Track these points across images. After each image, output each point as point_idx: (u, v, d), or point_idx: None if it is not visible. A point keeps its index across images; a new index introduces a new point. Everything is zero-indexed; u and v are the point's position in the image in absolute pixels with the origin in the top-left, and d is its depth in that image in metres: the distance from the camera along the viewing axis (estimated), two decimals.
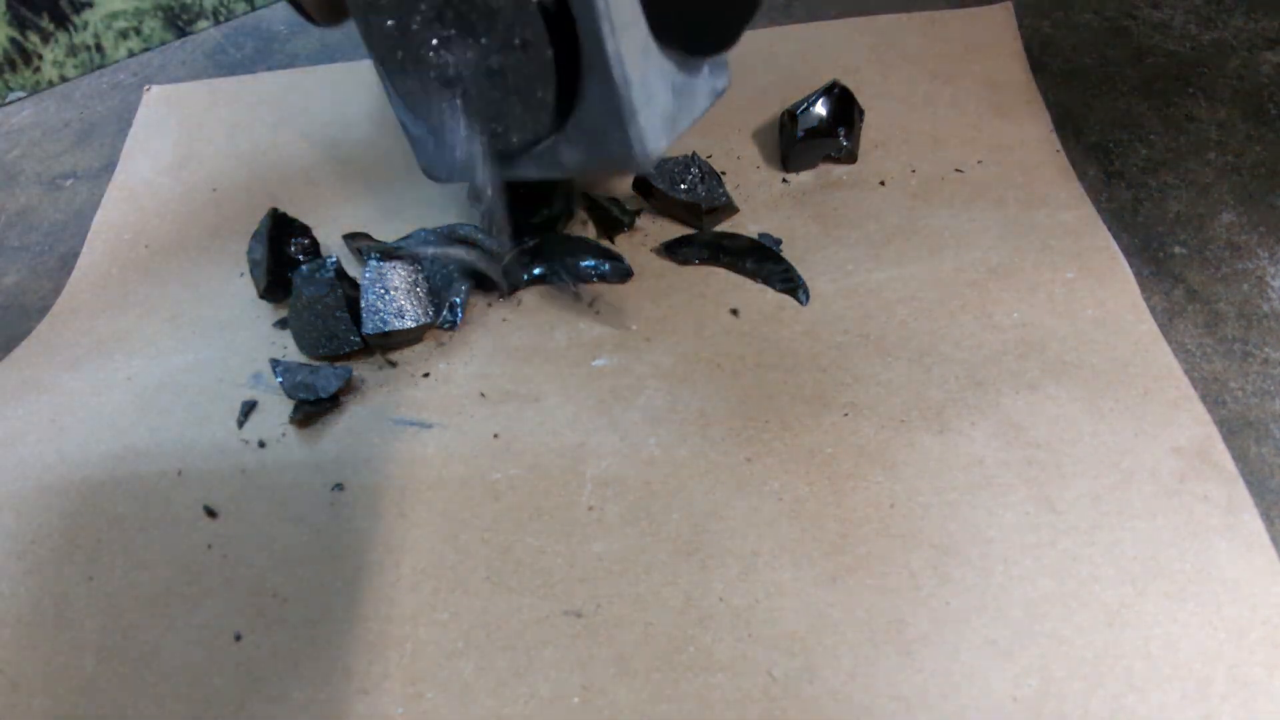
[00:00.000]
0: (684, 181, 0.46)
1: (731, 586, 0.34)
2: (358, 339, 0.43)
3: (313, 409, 0.42)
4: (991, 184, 0.47)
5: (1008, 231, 0.45)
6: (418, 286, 0.44)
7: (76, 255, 0.54)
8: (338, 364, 0.44)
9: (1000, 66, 0.54)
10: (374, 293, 0.43)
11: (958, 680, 0.31)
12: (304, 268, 0.44)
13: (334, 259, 0.44)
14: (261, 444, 0.41)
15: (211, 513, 0.39)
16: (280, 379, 0.42)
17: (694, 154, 0.47)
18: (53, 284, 0.53)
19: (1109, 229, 0.44)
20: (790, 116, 0.49)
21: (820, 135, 0.49)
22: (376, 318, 0.42)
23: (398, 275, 0.43)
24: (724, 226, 0.48)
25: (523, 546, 0.36)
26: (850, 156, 0.50)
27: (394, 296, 0.43)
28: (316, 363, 0.44)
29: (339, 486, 0.39)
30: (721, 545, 0.35)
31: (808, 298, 0.43)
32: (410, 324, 0.43)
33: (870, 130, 0.50)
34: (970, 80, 0.53)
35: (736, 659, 0.32)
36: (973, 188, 0.47)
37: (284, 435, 0.41)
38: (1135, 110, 0.51)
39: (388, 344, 0.44)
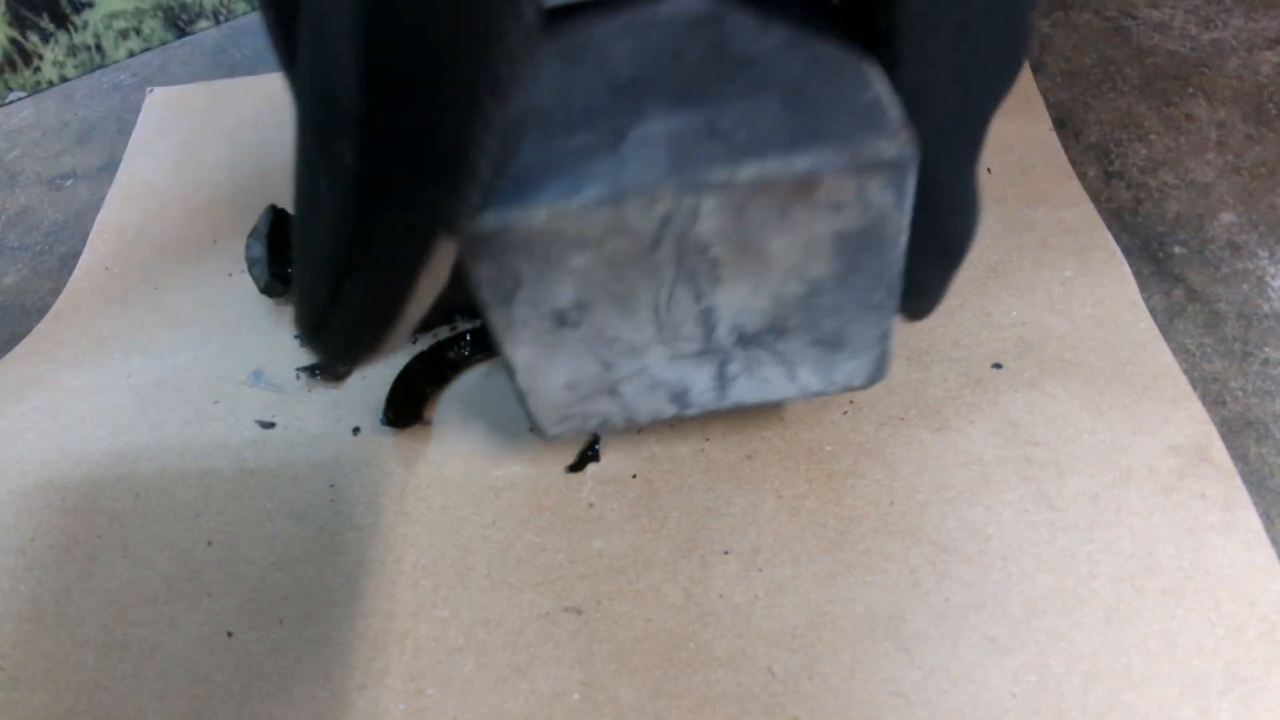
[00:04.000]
0: None
1: (731, 583, 0.34)
2: None
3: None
4: (991, 182, 0.48)
5: (1007, 230, 0.45)
6: None
7: (76, 255, 0.54)
8: None
9: None
10: None
11: (956, 676, 0.31)
12: None
13: None
14: (264, 437, 0.41)
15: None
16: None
17: None
18: (53, 284, 0.53)
19: (1109, 228, 0.44)
20: None
21: None
22: None
23: None
24: None
25: (523, 543, 0.36)
26: None
27: None
28: None
29: (337, 484, 0.39)
30: (721, 542, 0.35)
31: None
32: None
33: None
34: None
35: (736, 655, 0.32)
36: None
37: (285, 433, 0.41)
38: (1135, 110, 0.51)
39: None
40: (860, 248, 0.22)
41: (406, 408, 0.41)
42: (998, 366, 0.39)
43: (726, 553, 0.35)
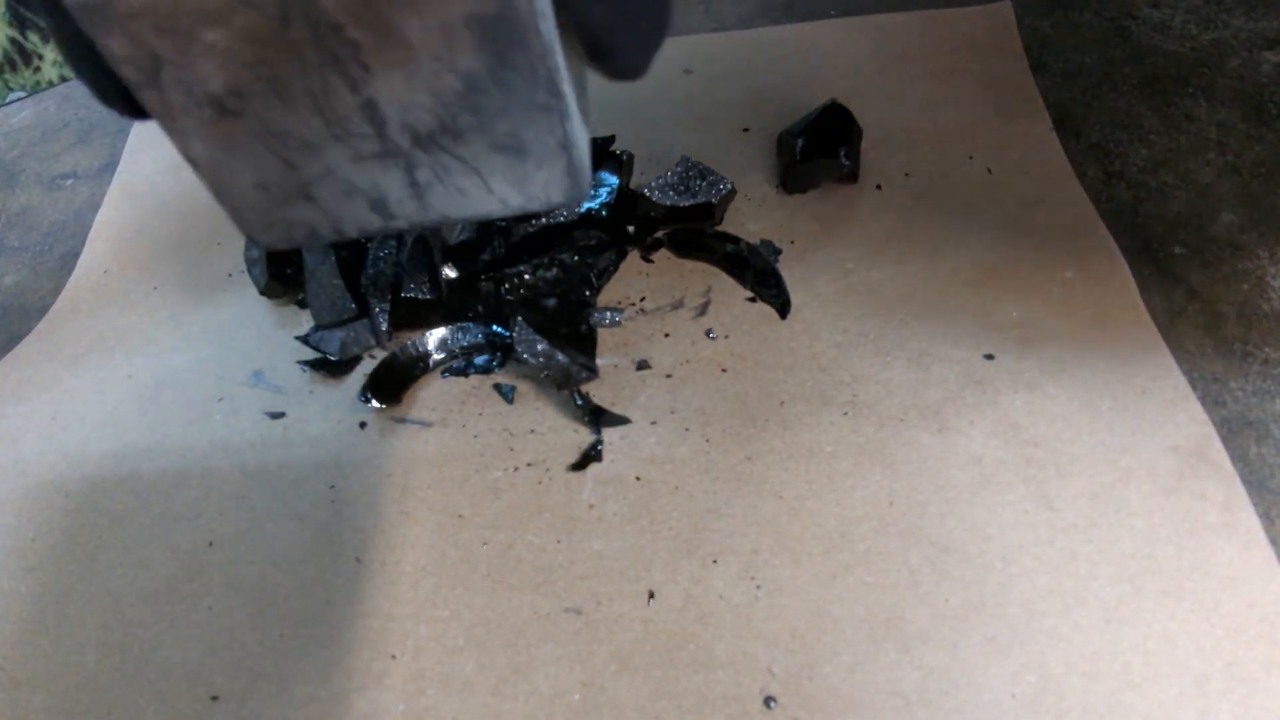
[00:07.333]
0: (686, 187, 0.46)
1: (731, 584, 0.34)
2: (354, 305, 0.44)
3: (345, 364, 0.44)
4: (990, 184, 0.48)
5: (1006, 231, 0.45)
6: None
7: (76, 255, 0.54)
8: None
9: (1000, 66, 0.54)
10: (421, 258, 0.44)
11: (956, 677, 0.31)
12: None
13: None
14: (264, 440, 0.41)
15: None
16: (321, 342, 0.44)
17: (685, 157, 0.47)
18: (53, 284, 0.53)
19: (1109, 229, 0.44)
20: (789, 138, 0.48)
21: (820, 157, 0.47)
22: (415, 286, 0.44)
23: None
24: (727, 221, 0.47)
25: (523, 544, 0.36)
26: (852, 176, 0.49)
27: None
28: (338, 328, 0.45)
29: (338, 485, 0.39)
30: (721, 543, 0.35)
31: (787, 313, 0.43)
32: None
33: (870, 130, 0.50)
34: (970, 80, 0.53)
35: (736, 656, 0.32)
36: (972, 187, 0.48)
37: (285, 433, 0.41)
38: (1135, 110, 0.51)
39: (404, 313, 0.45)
40: (502, 37, 0.22)
41: (387, 386, 0.42)
42: (990, 357, 0.39)
43: (726, 554, 0.35)
